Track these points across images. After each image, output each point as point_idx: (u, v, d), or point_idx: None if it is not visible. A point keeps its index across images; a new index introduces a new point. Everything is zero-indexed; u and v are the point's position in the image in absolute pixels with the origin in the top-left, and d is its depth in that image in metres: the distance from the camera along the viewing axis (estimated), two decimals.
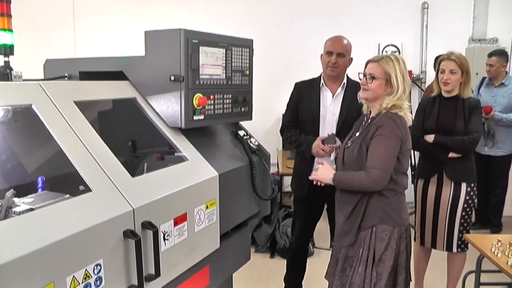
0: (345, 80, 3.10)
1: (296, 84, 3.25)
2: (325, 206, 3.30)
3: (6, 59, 1.82)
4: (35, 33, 5.92)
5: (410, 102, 3.20)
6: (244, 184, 2.15)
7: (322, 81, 3.11)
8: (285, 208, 4.76)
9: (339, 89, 3.08)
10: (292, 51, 6.01)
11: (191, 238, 1.73)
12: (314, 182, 2.48)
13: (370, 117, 2.40)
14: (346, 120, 3.01)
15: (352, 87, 3.06)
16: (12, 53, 1.85)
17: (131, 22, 5.87)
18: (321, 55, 3.13)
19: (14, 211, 1.36)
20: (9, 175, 1.78)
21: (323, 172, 2.42)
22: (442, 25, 5.89)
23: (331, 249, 3.43)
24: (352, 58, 3.09)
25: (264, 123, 5.81)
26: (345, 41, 3.05)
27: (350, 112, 3.01)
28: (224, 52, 1.98)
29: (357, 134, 2.41)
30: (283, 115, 3.47)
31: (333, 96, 3.09)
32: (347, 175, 2.33)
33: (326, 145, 2.92)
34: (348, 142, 2.44)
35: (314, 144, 2.96)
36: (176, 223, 1.63)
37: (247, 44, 2.13)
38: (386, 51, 5.94)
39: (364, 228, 2.31)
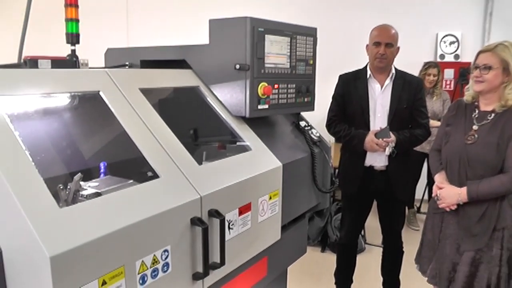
0: (393, 71, 2.99)
1: (340, 76, 3.15)
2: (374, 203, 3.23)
3: (73, 47, 1.85)
4: (87, 23, 6.07)
5: None
6: (305, 176, 2.11)
7: (369, 72, 3.01)
8: (337, 202, 4.68)
9: (388, 80, 2.98)
10: (339, 41, 5.70)
11: (254, 228, 1.71)
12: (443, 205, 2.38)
13: (491, 111, 2.30)
14: (397, 112, 2.92)
15: (400, 78, 2.96)
16: (78, 41, 1.89)
17: (181, 12, 5.89)
18: (367, 45, 3.02)
19: (82, 194, 1.39)
20: (75, 159, 1.82)
21: (448, 194, 2.34)
22: (509, 13, 5.45)
23: (382, 245, 3.37)
24: (399, 47, 2.97)
25: (313, 115, 5.68)
26: (393, 30, 2.93)
27: (401, 104, 2.92)
28: (289, 41, 1.94)
29: (474, 128, 2.32)
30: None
31: (381, 87, 2.98)
32: (484, 185, 2.23)
33: (380, 139, 2.83)
34: (468, 138, 2.32)
35: (367, 138, 2.88)
36: (240, 213, 1.62)
37: (311, 33, 2.08)
38: (444, 42, 5.69)
39: (498, 229, 2.25)
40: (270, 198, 1.79)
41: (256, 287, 1.92)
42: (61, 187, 1.38)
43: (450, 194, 2.32)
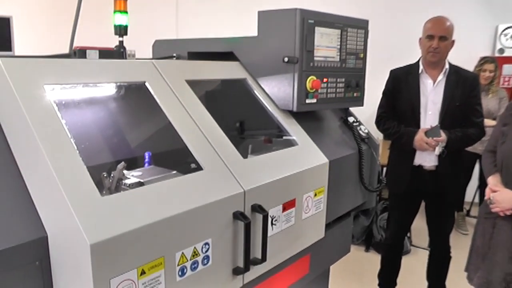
0: (447, 66, 2.84)
1: (391, 71, 3.03)
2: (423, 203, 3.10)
3: (121, 39, 1.88)
4: (138, 15, 6.16)
5: None
6: (351, 173, 2.06)
7: (421, 67, 2.87)
8: (384, 201, 4.56)
9: (441, 76, 2.83)
10: (391, 34, 5.39)
11: (298, 225, 1.68)
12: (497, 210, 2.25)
13: None
14: (450, 110, 2.79)
15: (454, 73, 2.81)
16: (126, 33, 1.92)
17: (231, 4, 5.88)
18: (420, 39, 2.89)
19: (125, 183, 1.40)
20: (119, 148, 1.84)
21: (504, 198, 2.21)
22: None
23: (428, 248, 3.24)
24: (454, 41, 2.81)
25: (362, 111, 5.53)
26: (448, 23, 2.77)
27: (454, 101, 2.78)
28: (339, 33, 1.88)
29: None
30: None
31: (434, 83, 2.85)
32: None
33: (430, 138, 2.71)
34: None
35: (416, 137, 2.77)
36: (284, 209, 1.59)
37: (362, 25, 2.00)
38: (504, 35, 5.37)
39: None
40: (315, 195, 1.75)
41: (297, 284, 1.89)
42: (105, 175, 1.39)
43: (506, 198, 2.18)
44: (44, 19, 7.03)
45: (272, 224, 1.54)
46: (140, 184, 1.38)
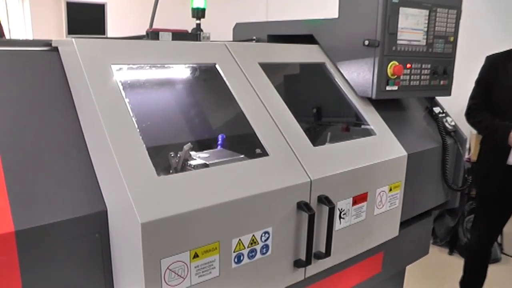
0: None
1: (488, 57, 2.74)
2: None
3: (198, 21, 1.90)
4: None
5: None
6: (433, 169, 1.91)
7: None
8: (472, 201, 4.22)
9: None
10: (487, 15, 4.64)
11: (369, 221, 1.57)
12: None
13: None
14: None
15: None
16: (203, 16, 1.94)
17: None
18: None
19: (190, 164, 1.38)
20: (188, 129, 1.85)
21: None
22: None
23: None
24: None
25: (449, 101, 5.08)
26: None
27: None
28: (427, 14, 1.72)
29: None
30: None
31: None
32: None
33: None
34: None
35: None
36: (355, 202, 1.49)
37: (455, 5, 1.82)
38: None
39: None
40: (390, 190, 1.64)
41: (367, 283, 1.81)
42: (172, 155, 1.39)
43: None
44: (136, 3, 7.35)
45: (340, 217, 1.45)
46: (204, 165, 1.36)
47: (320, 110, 2.06)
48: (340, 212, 1.45)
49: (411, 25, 1.69)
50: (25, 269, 0.99)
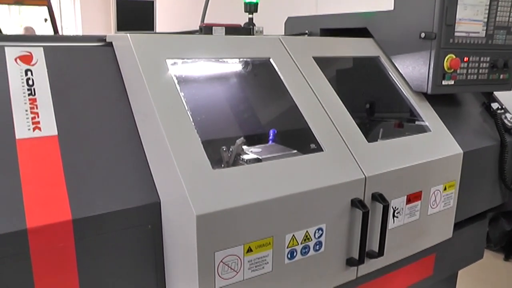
0: None
1: None
2: None
3: (250, 16, 1.89)
4: None
5: None
6: (490, 168, 1.83)
7: None
8: None
9: None
10: None
11: (423, 220, 1.52)
12: None
13: None
14: None
15: None
16: (256, 10, 1.92)
17: None
18: None
19: (242, 158, 1.38)
20: (239, 124, 1.84)
21: None
22: None
23: None
24: None
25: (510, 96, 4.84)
26: None
27: None
28: (488, 3, 1.64)
29: None
30: None
31: None
32: None
33: None
34: None
35: None
36: (409, 201, 1.44)
37: None
38: None
39: None
40: (445, 189, 1.57)
41: (418, 286, 1.75)
42: (224, 149, 1.39)
43: None
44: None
45: (394, 216, 1.41)
46: (257, 160, 1.35)
47: (374, 105, 2.00)
48: (394, 211, 1.40)
49: (470, 16, 1.61)
50: (80, 257, 1.01)
